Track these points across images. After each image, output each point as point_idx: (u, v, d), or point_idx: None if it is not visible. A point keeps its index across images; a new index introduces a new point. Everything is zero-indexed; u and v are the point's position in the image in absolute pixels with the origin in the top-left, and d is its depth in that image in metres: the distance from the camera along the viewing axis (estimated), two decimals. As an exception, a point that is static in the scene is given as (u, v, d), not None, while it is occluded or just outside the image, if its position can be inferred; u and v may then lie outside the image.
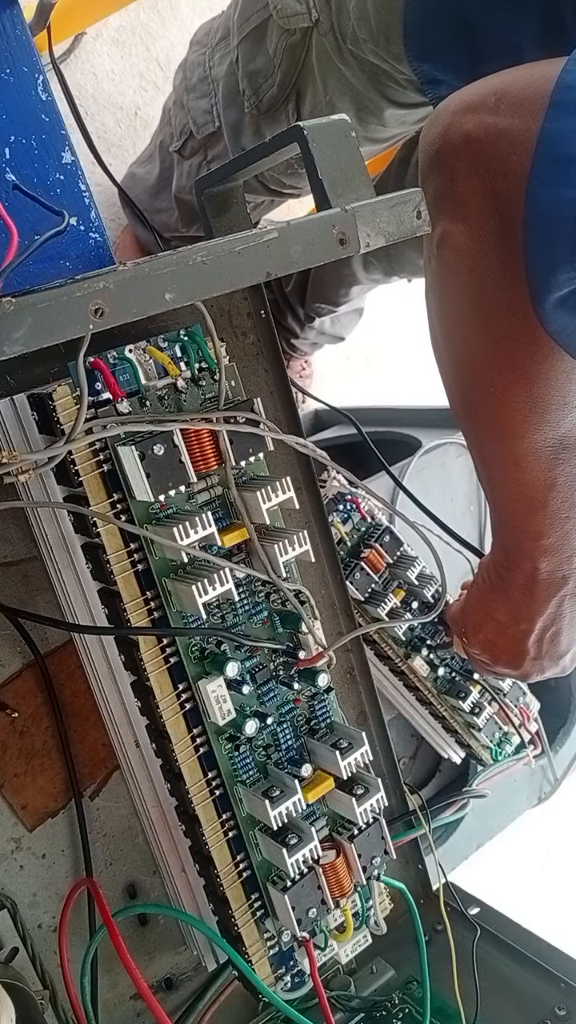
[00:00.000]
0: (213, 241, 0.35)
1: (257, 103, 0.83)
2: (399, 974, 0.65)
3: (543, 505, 0.52)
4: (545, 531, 0.53)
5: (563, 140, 0.40)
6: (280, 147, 0.44)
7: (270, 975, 0.54)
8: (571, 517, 0.53)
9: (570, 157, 0.40)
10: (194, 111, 0.91)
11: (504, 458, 0.52)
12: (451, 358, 0.52)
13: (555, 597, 0.56)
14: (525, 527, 0.54)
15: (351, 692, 0.65)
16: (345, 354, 1.50)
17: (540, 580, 0.55)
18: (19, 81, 0.50)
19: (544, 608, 0.56)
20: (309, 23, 0.74)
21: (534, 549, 0.54)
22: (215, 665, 0.48)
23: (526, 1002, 0.62)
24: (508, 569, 0.57)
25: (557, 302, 0.43)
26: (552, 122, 0.40)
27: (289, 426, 0.59)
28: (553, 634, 0.58)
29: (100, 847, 0.57)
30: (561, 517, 0.52)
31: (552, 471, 0.51)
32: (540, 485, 0.51)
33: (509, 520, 0.55)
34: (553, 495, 0.51)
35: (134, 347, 0.46)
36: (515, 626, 0.58)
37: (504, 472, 0.53)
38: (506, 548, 0.56)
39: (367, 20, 0.69)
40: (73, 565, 0.48)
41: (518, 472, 0.51)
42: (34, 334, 0.31)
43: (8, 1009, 0.43)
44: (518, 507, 0.54)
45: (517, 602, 0.57)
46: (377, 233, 0.39)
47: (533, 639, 0.58)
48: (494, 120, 0.43)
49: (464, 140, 0.44)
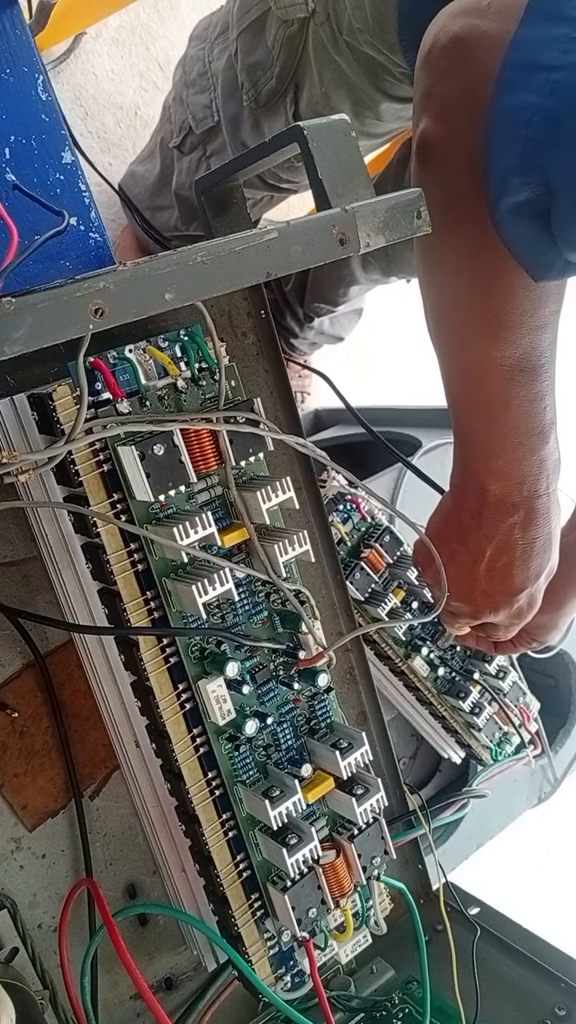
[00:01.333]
0: (213, 241, 0.35)
1: (256, 96, 0.83)
2: (399, 974, 0.65)
3: (496, 423, 0.52)
4: (496, 452, 0.53)
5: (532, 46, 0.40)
6: (280, 147, 0.44)
7: (270, 975, 0.54)
8: (523, 443, 0.52)
9: (536, 64, 0.40)
10: (193, 106, 0.91)
11: (463, 371, 0.52)
12: (422, 267, 0.53)
13: (504, 524, 0.55)
14: (477, 447, 0.54)
15: (351, 692, 0.65)
16: (345, 354, 1.50)
17: (489, 503, 0.55)
18: (19, 81, 0.50)
19: (493, 534, 0.56)
20: (306, 13, 0.75)
21: (484, 471, 0.54)
22: (215, 665, 0.48)
23: (526, 1002, 0.62)
24: (460, 491, 0.56)
25: (511, 209, 0.43)
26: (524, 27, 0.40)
27: (289, 426, 0.59)
28: (504, 565, 0.57)
29: (100, 847, 0.57)
30: (513, 441, 0.52)
31: (507, 391, 0.51)
32: (495, 402, 0.51)
33: (464, 440, 0.55)
34: (507, 415, 0.51)
35: (134, 347, 0.46)
36: (465, 552, 0.57)
37: (462, 386, 0.53)
38: (460, 471, 0.56)
39: (362, 10, 0.69)
40: (73, 565, 0.48)
41: (475, 386, 0.52)
42: (34, 334, 0.31)
43: (8, 1009, 0.43)
44: (473, 426, 0.54)
45: (467, 526, 0.56)
46: (377, 233, 0.39)
47: (483, 568, 0.57)
48: (479, 22, 0.43)
49: (451, 40, 0.45)
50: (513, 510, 0.55)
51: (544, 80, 0.40)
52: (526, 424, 0.52)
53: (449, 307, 0.51)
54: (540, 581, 0.59)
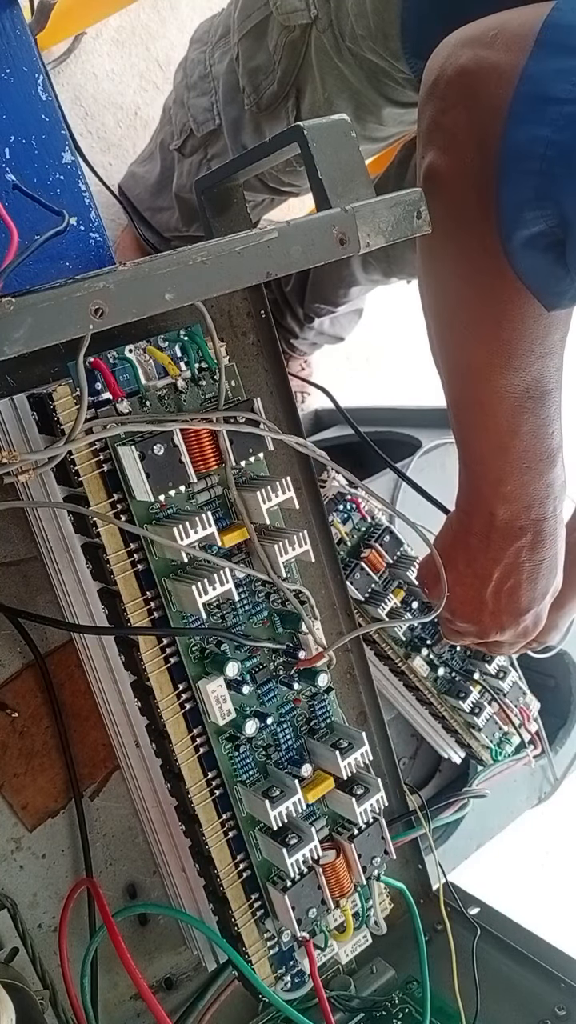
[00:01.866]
0: (213, 241, 0.35)
1: (257, 100, 0.83)
2: (399, 974, 0.65)
3: (505, 451, 0.52)
4: (505, 478, 0.53)
5: (543, 79, 0.40)
6: (280, 147, 0.44)
7: (270, 975, 0.54)
8: (531, 468, 0.53)
9: (547, 96, 0.40)
10: (194, 109, 0.91)
11: (471, 400, 0.52)
12: (428, 294, 0.53)
13: (512, 547, 0.55)
14: (486, 472, 0.54)
15: (351, 692, 0.65)
16: (345, 354, 1.50)
17: (497, 527, 0.55)
18: (19, 81, 0.50)
19: (501, 557, 0.56)
20: (308, 20, 0.74)
21: (493, 495, 0.54)
22: (215, 665, 0.48)
23: (526, 1002, 0.62)
24: (468, 515, 0.56)
25: (524, 241, 0.43)
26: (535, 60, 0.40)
27: (289, 426, 0.59)
28: (512, 587, 0.57)
29: (100, 847, 0.57)
30: (522, 466, 0.52)
31: (516, 418, 0.51)
32: (503, 430, 0.51)
33: (472, 464, 0.55)
34: (515, 442, 0.51)
35: (134, 347, 0.46)
36: (472, 575, 0.58)
37: (470, 415, 0.53)
38: (468, 494, 0.56)
39: (365, 17, 0.69)
40: (73, 565, 0.48)
41: (483, 415, 0.52)
42: (34, 334, 0.31)
43: (8, 1009, 0.43)
44: (481, 451, 0.54)
45: (475, 549, 0.57)
46: (377, 233, 0.39)
47: (491, 590, 0.57)
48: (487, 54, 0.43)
49: (458, 72, 0.44)
50: (521, 533, 0.55)
51: (557, 113, 0.39)
52: (534, 449, 0.52)
53: (457, 336, 0.51)
54: (546, 600, 0.59)
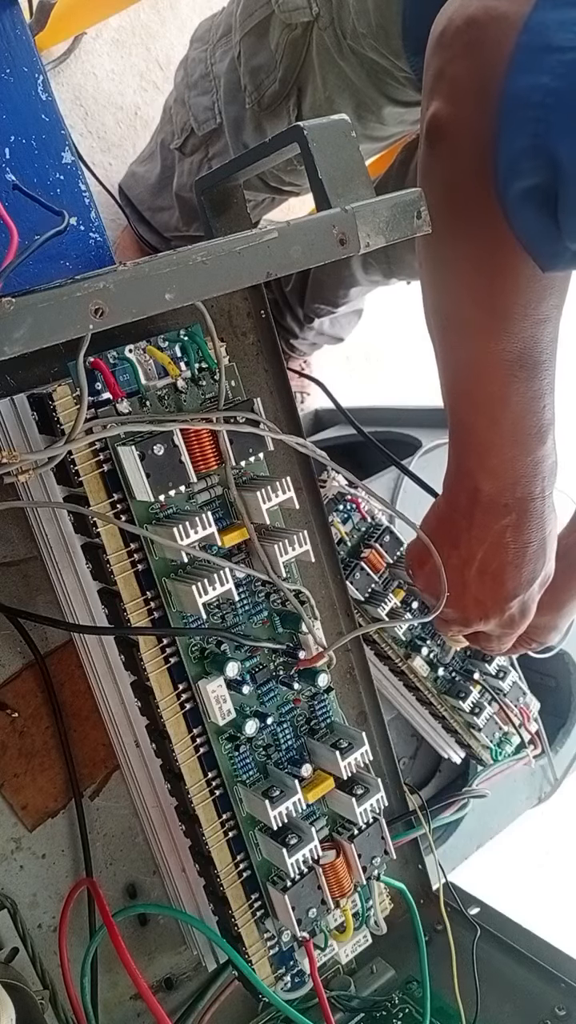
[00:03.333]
0: (213, 241, 0.35)
1: (258, 99, 0.83)
2: (399, 974, 0.65)
3: (493, 421, 0.51)
4: (491, 450, 0.52)
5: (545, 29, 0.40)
6: (280, 147, 0.44)
7: (270, 975, 0.54)
8: (520, 442, 0.51)
9: (548, 46, 0.40)
10: (195, 108, 0.91)
11: (461, 364, 0.51)
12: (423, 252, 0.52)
13: (496, 526, 0.54)
14: (472, 443, 0.53)
15: (351, 692, 0.65)
16: (345, 354, 1.49)
17: (481, 503, 0.53)
18: (19, 81, 0.50)
19: (484, 536, 0.54)
20: (310, 17, 0.74)
21: (478, 469, 0.53)
22: (215, 665, 0.48)
23: (526, 1002, 0.62)
24: (453, 492, 0.55)
25: (520, 194, 0.43)
26: (539, 11, 0.40)
27: (289, 426, 0.59)
28: (496, 570, 0.55)
29: (100, 847, 0.57)
30: (509, 439, 0.51)
31: (506, 387, 0.50)
32: (493, 399, 0.50)
33: (459, 435, 0.54)
34: (504, 413, 0.50)
35: (134, 347, 0.46)
36: (456, 556, 0.56)
37: (460, 381, 0.52)
38: (454, 470, 0.55)
39: (367, 14, 0.69)
40: (73, 565, 0.48)
41: (473, 381, 0.51)
42: (34, 334, 0.31)
43: (8, 1009, 0.43)
44: (469, 420, 0.52)
45: (459, 528, 0.55)
46: (377, 233, 0.39)
47: (474, 572, 0.56)
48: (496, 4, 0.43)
49: (466, 21, 0.44)
50: (505, 512, 0.53)
51: (557, 61, 0.39)
52: (524, 422, 0.51)
53: (450, 296, 0.50)
54: (534, 589, 0.57)
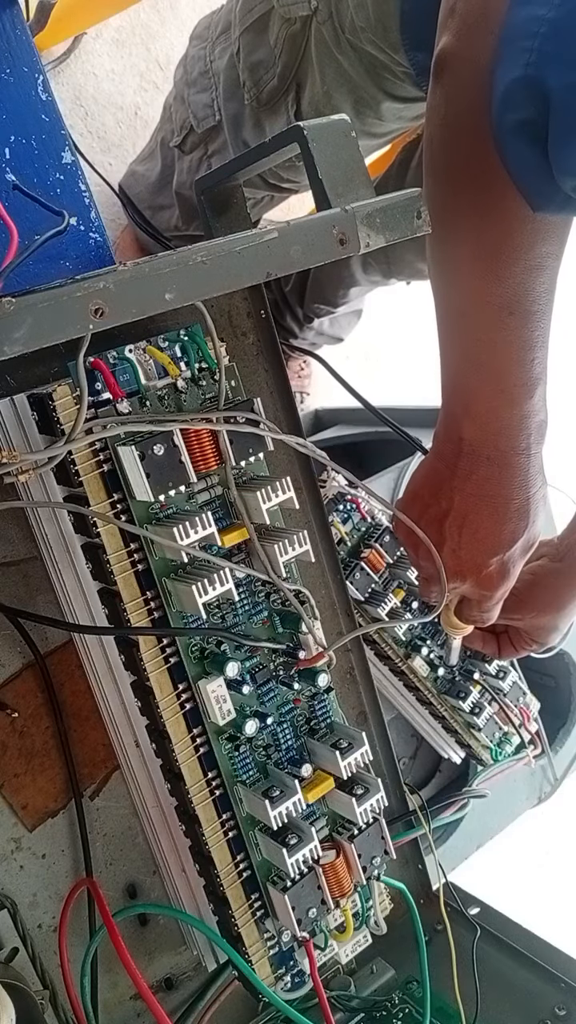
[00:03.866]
0: (213, 241, 0.35)
1: (257, 95, 0.83)
2: (399, 974, 0.65)
3: (480, 365, 0.51)
4: (476, 396, 0.51)
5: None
6: (280, 147, 0.44)
7: (270, 975, 0.54)
8: (505, 392, 0.51)
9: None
10: (195, 105, 0.91)
11: (452, 306, 0.51)
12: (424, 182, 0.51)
13: (476, 474, 0.53)
14: (458, 388, 0.53)
15: (351, 692, 0.65)
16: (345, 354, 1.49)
17: (464, 452, 0.53)
18: (19, 81, 0.50)
19: (465, 485, 0.53)
20: (308, 11, 0.74)
21: (463, 415, 0.52)
22: (215, 665, 0.48)
23: (526, 1002, 0.62)
24: (439, 440, 0.55)
25: (513, 127, 0.43)
26: None
27: (289, 426, 0.59)
28: (474, 524, 0.54)
29: (100, 847, 0.57)
30: (495, 387, 0.51)
31: (494, 332, 0.49)
32: (480, 344, 0.50)
33: (447, 381, 0.54)
34: (492, 359, 0.50)
35: (134, 347, 0.46)
36: (436, 505, 0.55)
37: (450, 322, 0.52)
38: (441, 419, 0.55)
39: (365, 8, 0.69)
40: (73, 565, 0.48)
41: (463, 323, 0.51)
42: (34, 334, 0.31)
43: (8, 1009, 0.43)
44: (457, 366, 0.52)
45: (441, 477, 0.54)
46: (377, 233, 0.39)
47: (450, 521, 0.55)
48: None
49: None
50: (488, 463, 0.52)
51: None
52: (511, 372, 0.50)
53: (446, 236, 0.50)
54: (515, 550, 0.55)
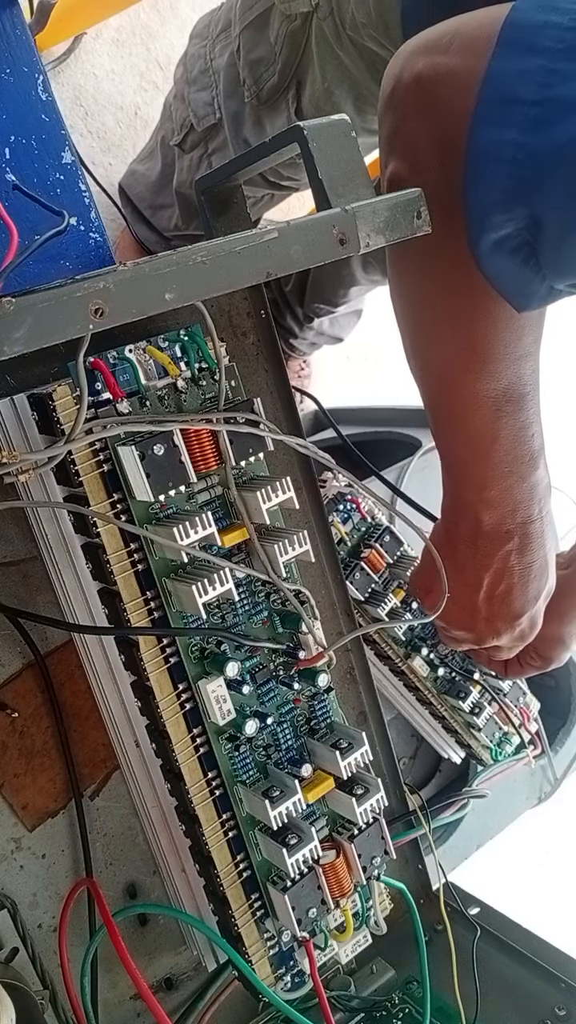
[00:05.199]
0: (213, 241, 0.35)
1: (257, 93, 0.83)
2: (399, 974, 0.65)
3: (486, 456, 0.52)
4: (487, 483, 0.53)
5: (506, 80, 0.39)
6: (280, 147, 0.44)
7: (270, 975, 0.54)
8: (514, 471, 0.52)
9: (512, 98, 0.39)
10: (195, 103, 0.91)
11: (448, 408, 0.52)
12: (399, 305, 0.52)
13: (500, 552, 0.55)
14: (468, 478, 0.54)
15: (351, 692, 0.65)
16: (345, 354, 1.50)
17: (484, 533, 0.55)
18: (19, 81, 0.50)
19: (489, 563, 0.56)
20: (309, 7, 0.75)
21: (477, 501, 0.54)
22: (215, 665, 0.48)
23: (526, 1002, 0.61)
24: (454, 524, 0.56)
25: (492, 244, 0.43)
26: (497, 60, 0.40)
27: (289, 426, 0.59)
28: (503, 592, 0.57)
29: (100, 847, 0.57)
30: (504, 470, 0.52)
31: (495, 423, 0.50)
32: (483, 436, 0.51)
33: (454, 472, 0.55)
34: (496, 447, 0.51)
35: (134, 347, 0.46)
36: (463, 583, 0.57)
37: (449, 423, 0.53)
38: (452, 502, 0.56)
39: (366, 4, 0.69)
40: (73, 565, 0.48)
41: (462, 423, 0.51)
42: (34, 334, 0.31)
43: (8, 1009, 0.43)
44: (462, 458, 0.53)
45: (463, 557, 0.56)
46: (377, 233, 0.39)
47: (482, 596, 0.57)
48: (443, 59, 0.42)
49: (415, 80, 0.44)
50: (508, 537, 0.55)
51: (523, 115, 0.39)
52: (515, 453, 0.52)
53: (431, 344, 0.51)
54: (540, 603, 0.59)
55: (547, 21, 0.39)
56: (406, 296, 0.52)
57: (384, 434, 1.00)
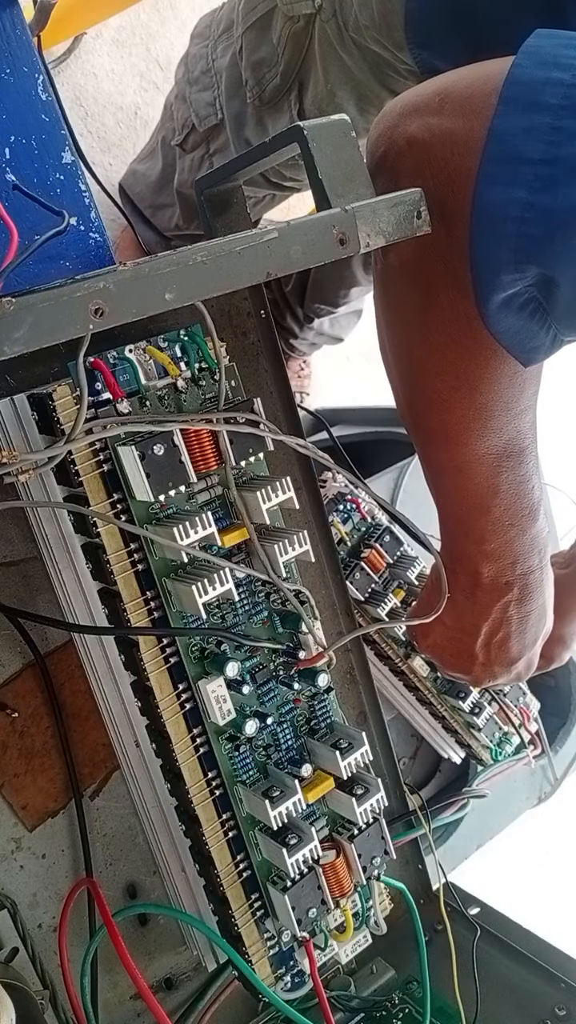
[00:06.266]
0: (213, 241, 0.35)
1: (260, 93, 0.83)
2: (399, 974, 0.65)
3: (486, 511, 0.52)
4: (487, 537, 0.53)
5: (511, 138, 0.39)
6: (280, 147, 0.44)
7: (270, 975, 0.54)
8: (514, 524, 0.52)
9: (518, 156, 0.39)
10: (196, 104, 0.91)
11: (448, 464, 0.52)
12: (396, 364, 0.52)
13: (499, 603, 0.55)
14: (468, 532, 0.53)
15: (351, 692, 0.65)
16: (345, 354, 1.50)
17: (483, 585, 0.55)
18: (19, 81, 0.50)
19: (488, 613, 0.56)
20: (312, 9, 0.75)
21: (477, 554, 0.54)
22: (215, 665, 0.48)
23: (526, 1002, 0.61)
24: (453, 573, 0.56)
25: (501, 303, 0.42)
26: (501, 119, 0.39)
27: (289, 426, 0.59)
28: (501, 640, 0.57)
29: (100, 847, 0.57)
30: (504, 524, 0.52)
31: (495, 478, 0.50)
32: (483, 492, 0.51)
33: (453, 525, 0.55)
34: (496, 502, 0.51)
35: (134, 347, 0.46)
36: (460, 630, 0.58)
37: (448, 478, 0.52)
38: (451, 552, 0.56)
39: (369, 6, 0.69)
40: (73, 565, 0.48)
41: (462, 479, 0.51)
42: (34, 334, 0.31)
43: (8, 1009, 0.43)
44: (462, 513, 0.53)
45: (462, 606, 0.56)
46: (377, 233, 0.39)
47: (480, 644, 0.57)
48: (438, 121, 0.42)
49: (408, 142, 0.43)
50: (507, 588, 0.54)
51: (531, 174, 0.38)
52: (516, 506, 0.52)
53: (431, 403, 0.50)
54: (537, 646, 0.59)
55: (549, 78, 0.38)
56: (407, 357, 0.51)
57: (384, 434, 1.00)
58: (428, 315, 0.46)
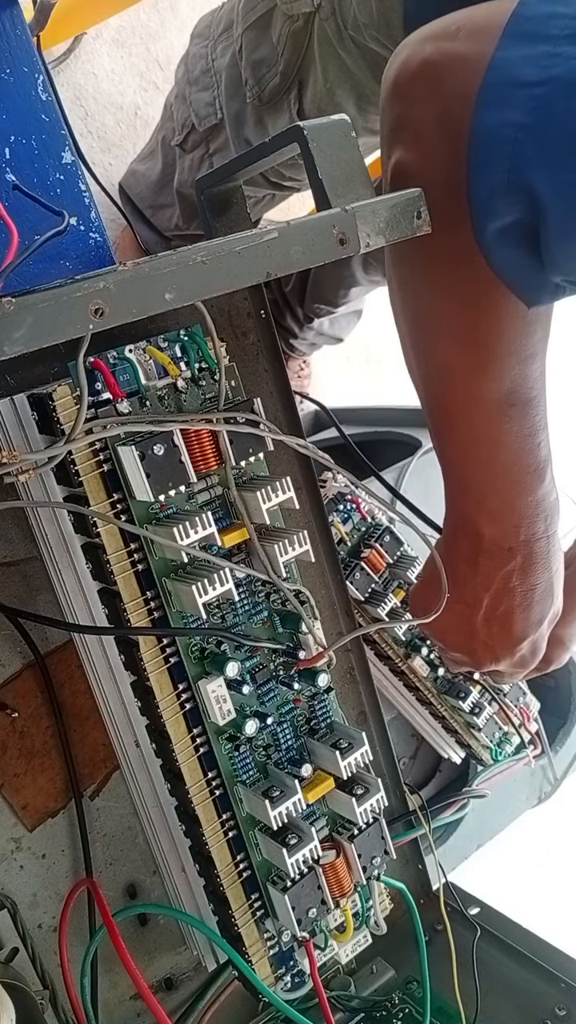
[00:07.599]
0: (213, 241, 0.35)
1: (259, 93, 0.83)
2: (399, 974, 0.65)
3: (488, 462, 0.50)
4: (489, 493, 0.51)
5: (512, 65, 0.40)
6: (280, 147, 0.44)
7: (270, 975, 0.54)
8: (518, 482, 0.50)
9: (516, 81, 0.39)
10: (196, 103, 0.91)
11: (449, 411, 0.50)
12: (400, 300, 0.51)
13: (501, 571, 0.53)
14: (469, 487, 0.52)
15: (351, 692, 0.65)
16: (345, 354, 1.50)
17: (484, 549, 0.52)
18: (19, 81, 0.50)
19: (490, 583, 0.53)
20: (311, 8, 0.75)
21: (477, 513, 0.52)
22: (215, 665, 0.48)
23: (526, 1002, 0.61)
24: (455, 538, 0.54)
25: (496, 233, 0.42)
26: (502, 49, 0.40)
27: (289, 426, 0.59)
28: (503, 615, 0.54)
29: (100, 847, 0.57)
30: (508, 480, 0.50)
31: (498, 426, 0.48)
32: (485, 440, 0.49)
33: (454, 481, 0.53)
34: (499, 453, 0.49)
35: (134, 347, 0.46)
36: (461, 602, 0.55)
37: (449, 426, 0.51)
38: (452, 516, 0.54)
39: (368, 4, 0.69)
40: (73, 565, 0.48)
41: (463, 425, 0.50)
42: (34, 334, 0.31)
43: (8, 1009, 0.43)
44: (463, 465, 0.51)
45: (463, 575, 0.54)
46: (377, 233, 0.39)
47: (481, 618, 0.55)
48: (452, 45, 0.42)
49: (421, 65, 0.44)
50: (510, 555, 0.52)
51: (527, 96, 0.39)
52: (520, 462, 0.50)
53: (432, 340, 0.49)
54: (543, 628, 0.56)
55: (553, 12, 0.39)
56: (406, 287, 0.50)
57: (384, 434, 1.01)
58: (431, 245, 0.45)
